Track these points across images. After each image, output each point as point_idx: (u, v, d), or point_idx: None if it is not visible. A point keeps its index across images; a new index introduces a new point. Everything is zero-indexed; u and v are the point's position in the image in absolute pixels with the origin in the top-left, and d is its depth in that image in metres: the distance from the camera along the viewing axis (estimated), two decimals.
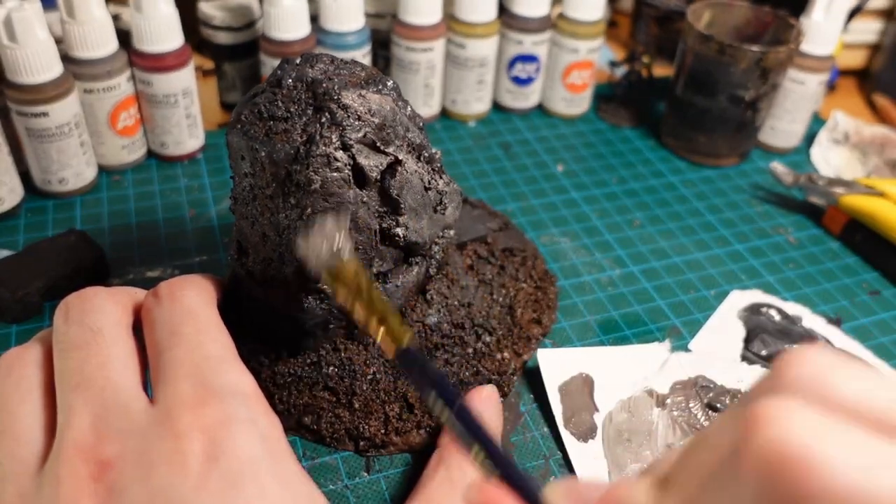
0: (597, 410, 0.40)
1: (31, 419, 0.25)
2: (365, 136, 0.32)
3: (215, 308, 0.29)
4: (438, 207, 0.36)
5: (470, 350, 0.40)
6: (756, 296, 0.49)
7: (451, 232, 0.39)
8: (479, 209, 0.50)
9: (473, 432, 0.24)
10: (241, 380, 0.26)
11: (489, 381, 0.40)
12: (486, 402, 0.37)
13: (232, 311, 0.38)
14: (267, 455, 0.24)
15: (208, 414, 0.23)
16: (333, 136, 0.31)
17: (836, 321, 0.48)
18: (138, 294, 0.30)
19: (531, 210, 0.55)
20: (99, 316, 0.27)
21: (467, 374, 0.39)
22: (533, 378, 0.42)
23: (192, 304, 0.28)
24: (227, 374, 0.25)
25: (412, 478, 0.36)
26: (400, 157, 0.33)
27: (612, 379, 0.42)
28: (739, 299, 0.48)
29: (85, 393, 0.25)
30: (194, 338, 0.26)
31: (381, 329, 0.28)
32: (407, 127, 0.34)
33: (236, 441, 0.23)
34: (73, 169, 0.51)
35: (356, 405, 0.37)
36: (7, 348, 0.41)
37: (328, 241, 0.29)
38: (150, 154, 0.57)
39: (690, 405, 0.41)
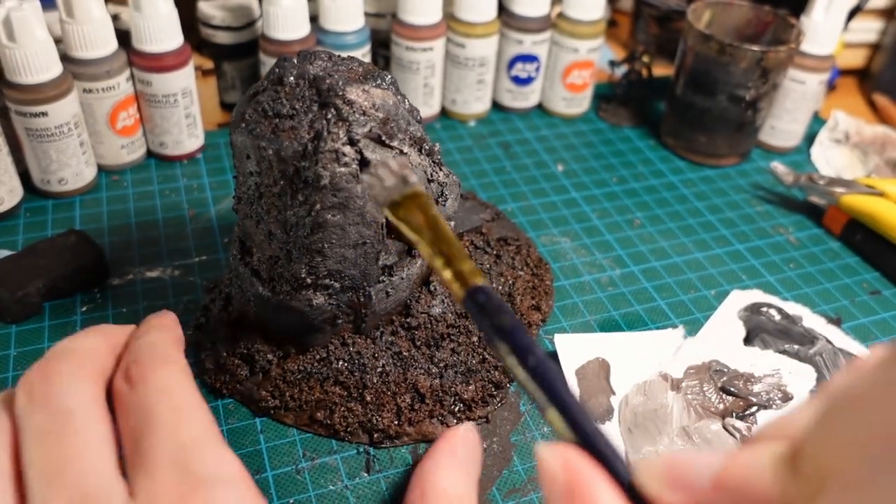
0: (613, 393, 0.41)
1: None
2: (370, 130, 0.32)
3: (190, 378, 0.27)
4: (440, 199, 0.37)
5: (475, 338, 0.41)
6: (756, 295, 0.49)
7: (452, 223, 0.39)
8: (470, 201, 0.51)
9: (552, 393, 0.20)
10: (225, 463, 0.24)
11: (495, 368, 0.41)
12: (464, 442, 0.33)
13: (234, 311, 0.38)
14: None
15: None
16: (341, 132, 0.32)
17: (836, 321, 0.48)
18: (106, 361, 0.27)
19: (531, 210, 0.55)
20: (68, 397, 0.24)
21: (474, 361, 0.40)
22: None
23: (165, 383, 0.25)
24: (210, 458, 0.23)
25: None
26: (404, 151, 0.34)
27: (628, 363, 0.43)
28: (739, 299, 0.48)
29: (59, 486, 0.22)
30: (171, 420, 0.24)
31: (448, 269, 0.25)
32: (408, 120, 0.34)
33: None
34: (73, 169, 0.51)
35: (368, 398, 0.38)
36: (7, 349, 0.41)
37: (396, 172, 0.27)
38: (150, 154, 0.57)
39: (705, 388, 0.41)
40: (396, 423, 0.38)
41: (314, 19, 0.58)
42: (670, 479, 0.19)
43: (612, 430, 0.39)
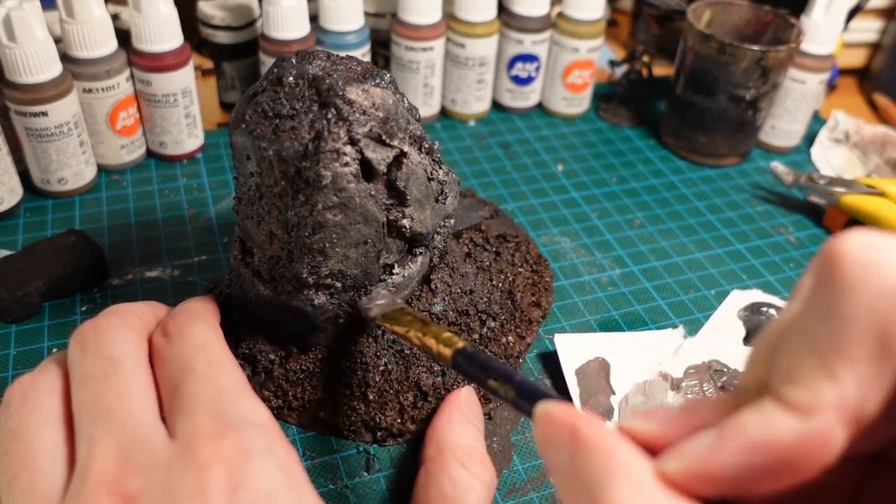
0: (613, 393, 0.41)
1: (49, 450, 0.25)
2: (371, 129, 0.32)
3: (223, 340, 0.30)
4: (440, 197, 0.37)
5: (476, 336, 0.41)
6: (756, 295, 0.49)
7: (451, 221, 0.39)
8: (468, 198, 0.51)
9: (541, 397, 0.25)
10: (256, 411, 0.26)
11: None
12: (467, 401, 0.37)
13: (235, 312, 0.38)
14: (286, 484, 0.24)
15: (228, 446, 0.23)
16: (341, 132, 0.32)
17: None
18: (150, 321, 0.30)
19: (531, 210, 0.55)
20: (116, 346, 0.27)
21: None
22: (544, 365, 0.43)
23: (202, 339, 0.28)
24: (243, 406, 0.26)
25: (412, 477, 0.36)
26: (404, 150, 0.34)
27: (628, 363, 0.43)
28: (740, 299, 0.48)
29: (106, 424, 0.24)
30: (207, 372, 0.27)
31: (435, 343, 0.31)
32: (407, 119, 0.34)
33: (256, 471, 0.23)
34: (73, 169, 0.51)
35: (370, 397, 0.38)
36: (6, 349, 0.41)
37: (388, 301, 0.36)
38: (150, 154, 0.57)
39: (704, 388, 0.42)
40: (399, 421, 0.38)
41: (314, 19, 0.58)
42: (644, 415, 0.21)
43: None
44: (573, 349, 0.43)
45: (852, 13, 0.67)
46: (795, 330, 0.19)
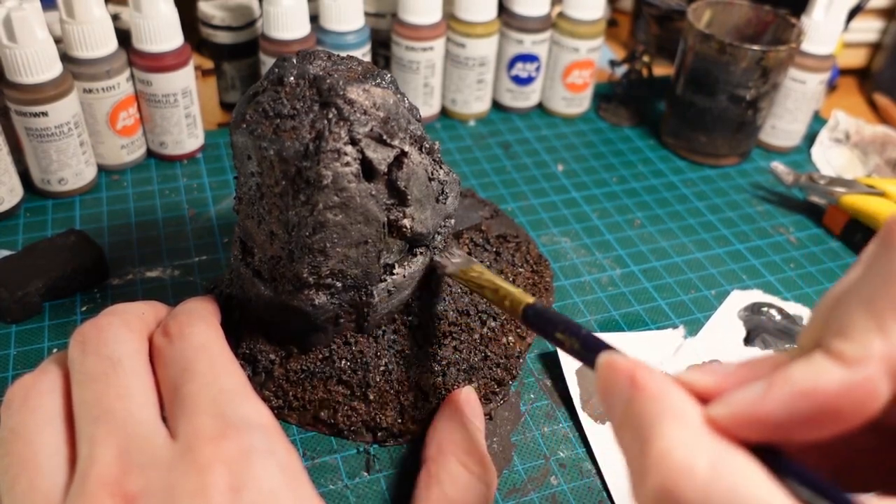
0: None
1: (51, 450, 0.25)
2: (372, 129, 0.32)
3: (224, 340, 0.30)
4: (440, 197, 0.37)
5: (476, 336, 0.40)
6: (756, 295, 0.49)
7: (452, 221, 0.39)
8: (469, 198, 0.51)
9: (604, 348, 0.26)
10: (257, 411, 0.26)
11: (497, 365, 0.41)
12: (467, 401, 0.37)
13: (235, 312, 0.38)
14: (287, 485, 0.24)
15: (229, 447, 0.24)
16: (342, 132, 0.32)
17: None
18: (151, 321, 0.30)
19: (531, 210, 0.55)
20: (116, 346, 0.27)
21: (476, 359, 0.40)
22: (545, 365, 0.42)
23: (203, 339, 0.28)
24: (244, 407, 0.26)
25: (412, 477, 0.36)
26: (405, 150, 0.34)
27: None
28: (740, 299, 0.48)
29: (107, 425, 0.24)
30: (209, 372, 0.27)
31: (507, 300, 0.33)
32: (408, 119, 0.34)
33: (257, 472, 0.23)
34: (73, 169, 0.51)
35: (371, 397, 0.38)
36: (7, 349, 0.41)
37: (463, 259, 0.38)
38: (150, 154, 0.57)
39: None
40: (400, 421, 0.38)
41: (314, 19, 0.58)
42: (701, 368, 0.22)
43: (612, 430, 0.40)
44: None
45: (852, 13, 0.67)
46: (853, 290, 0.20)
